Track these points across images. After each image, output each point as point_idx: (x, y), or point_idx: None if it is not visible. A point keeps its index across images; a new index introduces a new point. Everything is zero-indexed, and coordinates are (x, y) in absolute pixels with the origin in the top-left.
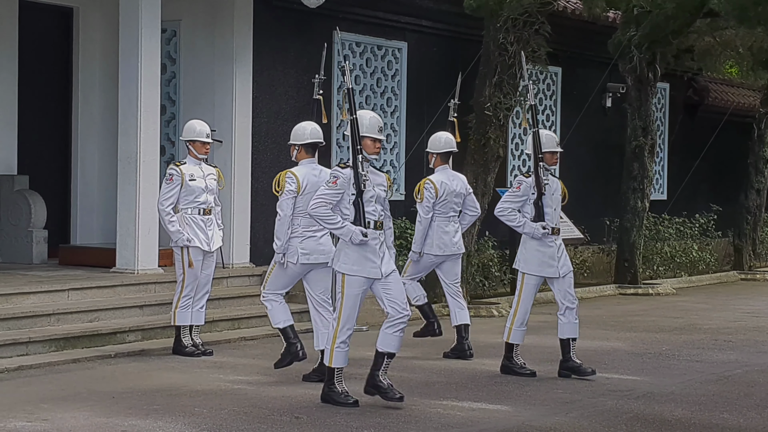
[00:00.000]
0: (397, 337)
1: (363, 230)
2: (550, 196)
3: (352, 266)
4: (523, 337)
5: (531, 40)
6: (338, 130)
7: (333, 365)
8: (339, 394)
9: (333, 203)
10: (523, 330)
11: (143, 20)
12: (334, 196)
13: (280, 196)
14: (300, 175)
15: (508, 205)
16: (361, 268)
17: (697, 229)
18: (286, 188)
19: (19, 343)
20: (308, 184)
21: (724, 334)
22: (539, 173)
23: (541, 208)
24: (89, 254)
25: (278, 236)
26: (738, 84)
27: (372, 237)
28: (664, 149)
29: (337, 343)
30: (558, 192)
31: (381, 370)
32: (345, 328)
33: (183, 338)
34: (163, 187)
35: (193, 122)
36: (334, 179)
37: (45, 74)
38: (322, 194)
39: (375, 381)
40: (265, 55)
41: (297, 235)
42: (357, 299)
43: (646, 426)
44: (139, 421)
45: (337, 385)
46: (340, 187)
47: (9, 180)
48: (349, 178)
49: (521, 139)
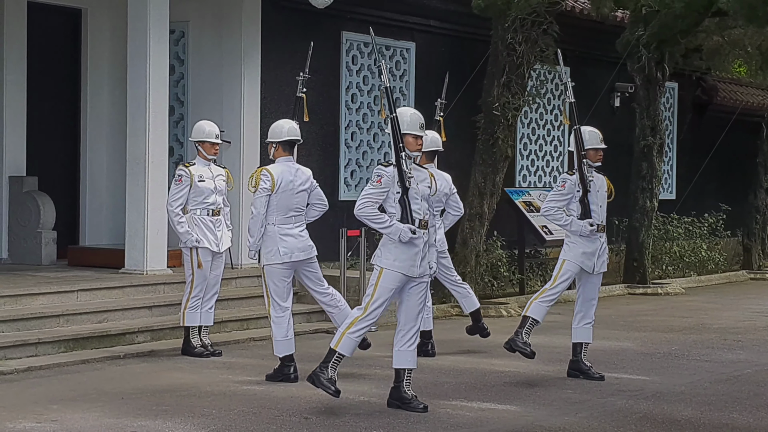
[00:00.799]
0: (410, 352)
1: (411, 227)
2: (595, 193)
3: (393, 261)
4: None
5: (539, 40)
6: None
7: (338, 349)
8: (327, 378)
9: (378, 202)
10: (547, 307)
11: (151, 21)
12: (380, 195)
13: (254, 193)
14: (275, 172)
15: (554, 204)
16: (402, 265)
17: (706, 229)
18: (260, 186)
19: (29, 344)
20: (283, 182)
21: (733, 334)
22: (583, 170)
23: (587, 205)
24: (98, 255)
25: (251, 234)
26: (747, 83)
27: (418, 236)
28: (672, 149)
29: (352, 330)
30: (603, 188)
31: (404, 382)
32: (367, 319)
33: (192, 339)
34: (172, 188)
35: (202, 123)
36: (378, 178)
37: (53, 75)
38: (367, 194)
39: (400, 393)
40: (273, 56)
41: (273, 235)
42: (389, 294)
43: (655, 426)
44: (148, 422)
45: (330, 370)
46: (384, 185)
47: (18, 181)
48: (393, 176)
49: (529, 138)
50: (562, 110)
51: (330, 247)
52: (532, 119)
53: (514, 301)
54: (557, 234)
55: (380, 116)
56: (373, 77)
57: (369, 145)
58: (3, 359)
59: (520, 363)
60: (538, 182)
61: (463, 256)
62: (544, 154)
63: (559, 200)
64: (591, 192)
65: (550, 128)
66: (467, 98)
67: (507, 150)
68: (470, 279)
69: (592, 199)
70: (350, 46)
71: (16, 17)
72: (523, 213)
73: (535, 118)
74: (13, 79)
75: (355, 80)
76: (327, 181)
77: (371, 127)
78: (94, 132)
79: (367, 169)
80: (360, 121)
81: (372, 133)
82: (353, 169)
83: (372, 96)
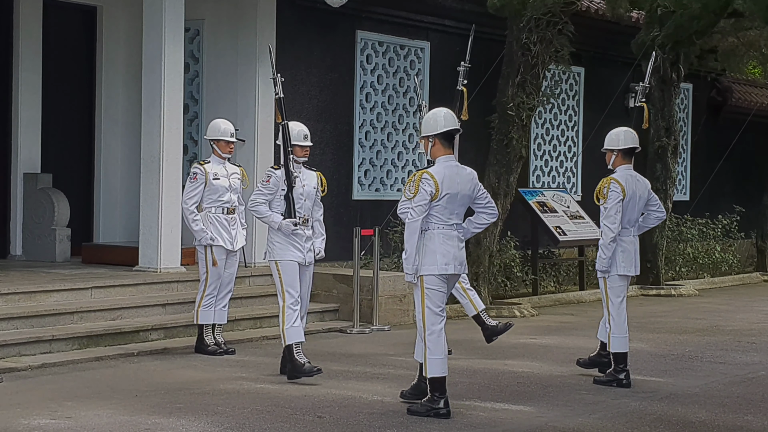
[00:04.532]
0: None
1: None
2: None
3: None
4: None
5: (554, 40)
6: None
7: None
8: (429, 409)
9: (268, 199)
10: None
11: (167, 19)
12: (269, 194)
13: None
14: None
15: (259, 197)
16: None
17: (720, 230)
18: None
19: (43, 341)
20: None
21: (747, 336)
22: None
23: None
24: (112, 252)
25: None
26: (762, 84)
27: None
28: (687, 150)
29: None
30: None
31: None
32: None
33: (205, 337)
34: (186, 186)
35: (217, 121)
36: (267, 178)
37: (68, 73)
38: (258, 192)
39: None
40: (288, 55)
41: None
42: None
43: (669, 427)
44: (162, 420)
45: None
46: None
47: (33, 178)
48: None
49: (543, 139)
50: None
51: (344, 246)
52: (546, 119)
53: (527, 301)
54: (571, 235)
55: (462, 117)
56: (387, 77)
57: (383, 144)
58: (17, 356)
59: (534, 364)
60: (552, 183)
61: (476, 257)
62: (558, 155)
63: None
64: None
65: (564, 128)
66: (481, 98)
67: (521, 150)
68: (483, 279)
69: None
70: (365, 45)
71: (31, 15)
72: (537, 213)
73: (549, 119)
74: (28, 76)
75: (369, 79)
76: (341, 181)
77: (385, 126)
78: (108, 129)
79: (381, 168)
80: (374, 121)
81: (386, 133)
82: (367, 168)
83: (387, 95)
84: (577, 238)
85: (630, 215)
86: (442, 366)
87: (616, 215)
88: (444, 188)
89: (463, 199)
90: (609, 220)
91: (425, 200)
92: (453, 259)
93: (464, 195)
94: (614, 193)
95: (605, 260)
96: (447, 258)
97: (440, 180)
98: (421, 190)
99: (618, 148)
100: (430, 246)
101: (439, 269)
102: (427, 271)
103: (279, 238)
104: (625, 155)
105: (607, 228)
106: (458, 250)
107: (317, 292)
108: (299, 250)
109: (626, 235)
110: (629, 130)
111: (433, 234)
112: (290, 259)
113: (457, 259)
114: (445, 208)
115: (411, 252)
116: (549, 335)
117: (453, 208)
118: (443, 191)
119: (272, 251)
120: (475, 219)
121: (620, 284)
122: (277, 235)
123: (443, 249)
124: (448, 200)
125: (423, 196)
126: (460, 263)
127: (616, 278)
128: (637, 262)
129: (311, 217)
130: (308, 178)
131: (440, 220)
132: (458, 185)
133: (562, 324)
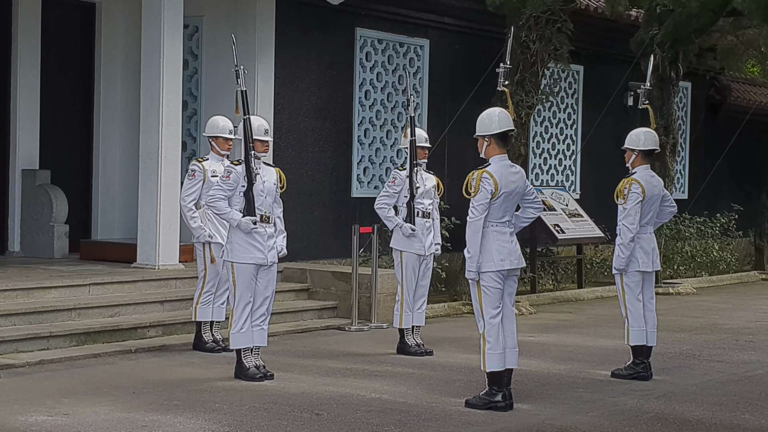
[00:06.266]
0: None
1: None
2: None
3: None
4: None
5: (553, 38)
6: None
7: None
8: (487, 402)
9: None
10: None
11: (166, 16)
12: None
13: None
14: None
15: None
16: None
17: (718, 229)
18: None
19: (40, 337)
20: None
21: (745, 334)
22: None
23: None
24: (110, 249)
25: (473, 245)
26: (760, 83)
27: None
28: (685, 148)
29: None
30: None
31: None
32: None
33: (203, 334)
34: (185, 183)
35: (216, 118)
36: (227, 174)
37: (67, 69)
38: (217, 187)
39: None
40: (287, 51)
41: None
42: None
43: (666, 426)
44: (159, 416)
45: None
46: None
47: (31, 174)
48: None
49: (542, 137)
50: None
51: (342, 243)
52: (545, 117)
53: (525, 299)
54: (569, 233)
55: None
56: (386, 74)
57: (382, 141)
58: (15, 352)
59: (532, 362)
60: (551, 181)
61: None
62: (556, 153)
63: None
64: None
65: (563, 126)
66: (481, 96)
67: (520, 148)
68: None
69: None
70: (364, 42)
71: (30, 11)
72: None
73: (548, 117)
74: (26, 72)
75: (368, 77)
76: (340, 178)
77: (384, 123)
78: (107, 126)
79: (380, 165)
80: (373, 118)
81: (385, 130)
82: (366, 165)
83: (386, 93)
84: (575, 236)
85: (648, 214)
86: (500, 360)
87: (635, 216)
88: (502, 187)
89: (517, 197)
90: (628, 220)
91: (486, 199)
92: (509, 254)
93: (517, 193)
94: (635, 195)
95: (623, 259)
96: (502, 254)
97: (498, 179)
98: (482, 189)
99: (639, 149)
100: (486, 244)
101: (497, 266)
102: (484, 269)
103: (239, 238)
104: (645, 156)
105: (626, 228)
106: (512, 245)
107: (316, 289)
108: (260, 250)
109: (644, 233)
110: (650, 131)
111: (487, 232)
112: (247, 261)
113: (512, 254)
114: (501, 206)
115: (475, 251)
116: (547, 333)
117: (507, 206)
118: (501, 190)
119: (230, 251)
120: (522, 214)
121: (638, 279)
122: (237, 234)
123: (498, 246)
124: (504, 198)
125: (484, 195)
126: (517, 257)
127: (635, 273)
128: (656, 258)
129: (272, 214)
130: (268, 174)
131: (495, 218)
132: (513, 183)
133: (560, 322)
